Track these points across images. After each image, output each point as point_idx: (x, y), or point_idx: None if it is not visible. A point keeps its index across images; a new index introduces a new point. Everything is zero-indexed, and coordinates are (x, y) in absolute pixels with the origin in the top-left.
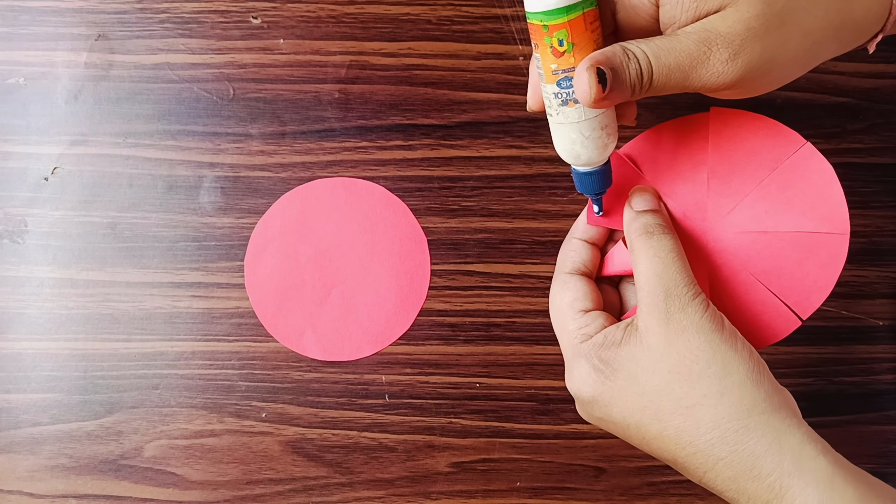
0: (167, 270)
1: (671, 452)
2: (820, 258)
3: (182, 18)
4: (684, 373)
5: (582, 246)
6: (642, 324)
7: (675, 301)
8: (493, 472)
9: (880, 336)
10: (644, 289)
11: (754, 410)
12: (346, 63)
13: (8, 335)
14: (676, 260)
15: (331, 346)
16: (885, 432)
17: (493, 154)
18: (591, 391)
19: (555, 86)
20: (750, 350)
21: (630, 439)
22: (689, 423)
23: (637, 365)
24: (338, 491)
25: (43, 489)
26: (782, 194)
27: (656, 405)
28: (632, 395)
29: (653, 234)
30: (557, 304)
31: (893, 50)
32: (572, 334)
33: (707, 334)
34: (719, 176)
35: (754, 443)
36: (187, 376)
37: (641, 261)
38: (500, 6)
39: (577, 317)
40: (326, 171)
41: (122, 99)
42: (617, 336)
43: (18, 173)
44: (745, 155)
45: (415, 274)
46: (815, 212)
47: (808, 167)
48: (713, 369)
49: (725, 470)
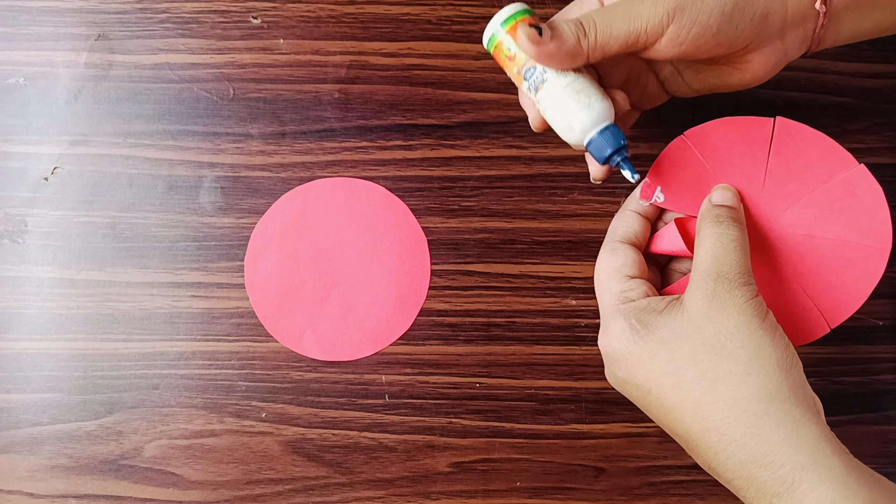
0: (167, 270)
1: (685, 424)
2: (858, 270)
3: (182, 18)
4: (716, 347)
5: (635, 218)
6: (687, 299)
7: (724, 283)
8: (493, 472)
9: (880, 336)
10: (699, 268)
11: (776, 397)
12: (346, 63)
13: (8, 335)
14: (738, 249)
15: (331, 346)
16: (885, 432)
17: (493, 154)
18: (622, 348)
19: (525, 82)
20: (787, 343)
21: (649, 406)
22: (708, 396)
23: (672, 332)
24: (338, 491)
25: (43, 489)
26: (832, 205)
27: (681, 372)
28: (660, 359)
29: (722, 223)
30: (604, 267)
31: (893, 50)
32: (615, 295)
33: (747, 317)
34: (776, 178)
35: (771, 429)
36: (187, 376)
37: (704, 243)
38: (500, 6)
39: (622, 280)
40: (326, 171)
41: (122, 99)
42: (660, 305)
43: (18, 173)
44: (803, 164)
45: (415, 274)
46: (860, 226)
47: (860, 186)
48: (745, 350)
49: (738, 452)
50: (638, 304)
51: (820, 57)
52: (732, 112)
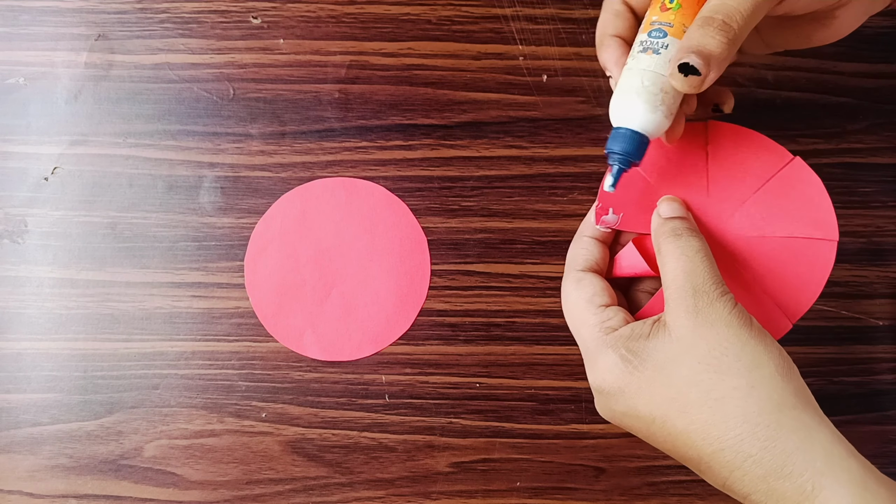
0: (167, 270)
1: (696, 449)
2: (810, 262)
3: (182, 18)
4: (714, 364)
5: (593, 244)
6: (670, 318)
7: (703, 297)
8: (493, 472)
9: (880, 336)
10: (671, 286)
11: (784, 405)
12: (346, 63)
13: (8, 335)
14: (704, 259)
15: (331, 346)
16: (885, 432)
17: (493, 154)
18: (617, 381)
19: (646, 35)
20: (779, 348)
21: (654, 436)
22: (717, 416)
23: (665, 355)
24: (338, 491)
25: (43, 489)
26: (776, 202)
27: (684, 397)
28: (659, 386)
29: (681, 236)
30: (574, 300)
31: (893, 50)
32: (595, 327)
33: (736, 329)
34: (718, 183)
35: (785, 439)
36: (187, 376)
37: (669, 261)
38: (500, 6)
39: (598, 311)
40: (326, 171)
41: (122, 99)
42: (644, 330)
43: (18, 173)
44: (741, 166)
45: (415, 274)
46: (806, 219)
47: (800, 179)
48: (742, 362)
49: (754, 468)
50: (622, 333)
51: (820, 57)
52: (734, 111)
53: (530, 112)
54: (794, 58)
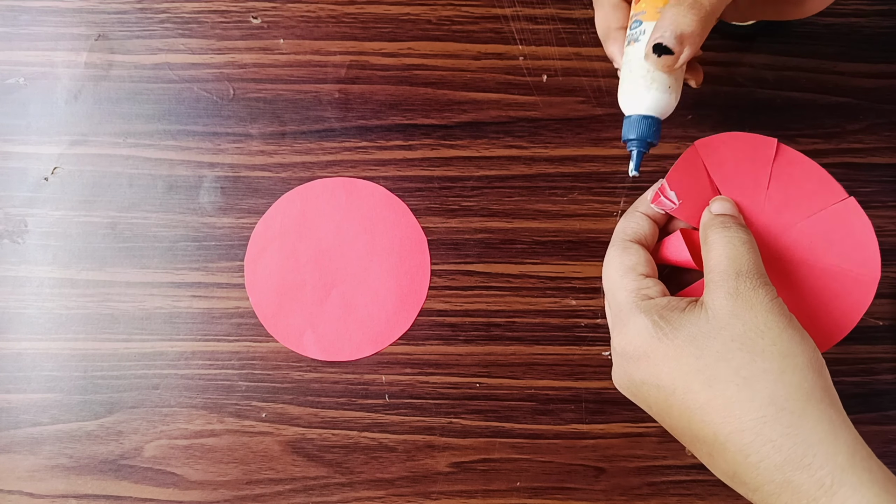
0: (167, 270)
1: (714, 426)
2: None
3: (182, 18)
4: (748, 344)
5: (644, 219)
6: (709, 298)
7: (745, 281)
8: (493, 472)
9: (880, 336)
10: (715, 270)
11: (812, 397)
12: (346, 63)
13: (8, 335)
14: (750, 250)
15: (331, 346)
16: (885, 432)
17: (493, 154)
18: (644, 346)
19: (628, 29)
20: (814, 346)
21: (670, 409)
22: (743, 393)
23: (699, 329)
24: (338, 491)
25: (43, 489)
26: (824, 233)
27: (712, 370)
28: (687, 357)
29: (729, 228)
30: (616, 265)
31: (893, 50)
32: (632, 293)
33: (775, 315)
34: (774, 201)
35: (809, 429)
36: (187, 376)
37: (715, 247)
38: (500, 6)
39: (637, 278)
40: (326, 171)
41: (122, 99)
42: (681, 304)
43: (18, 173)
44: (799, 191)
45: (415, 274)
46: (851, 255)
47: (850, 217)
48: (777, 347)
49: (773, 454)
50: (658, 302)
51: (820, 57)
52: (732, 110)
53: (530, 112)
54: (794, 58)
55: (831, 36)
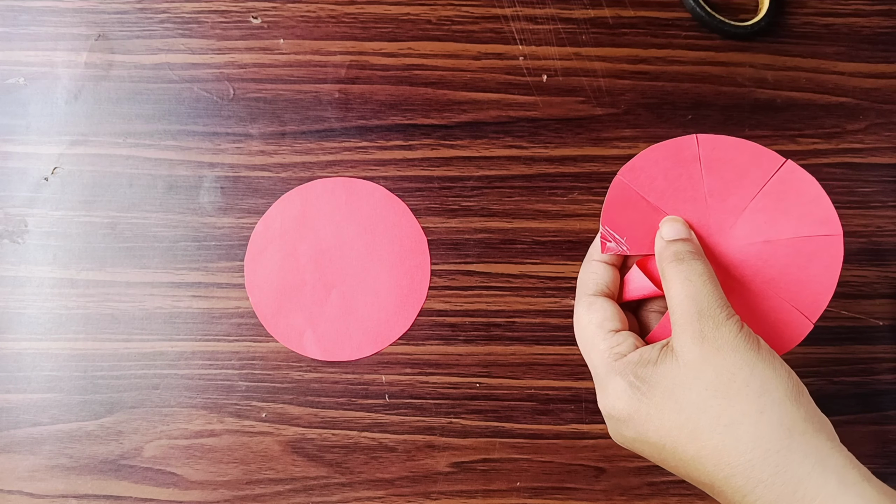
0: (167, 270)
1: (708, 475)
2: (821, 260)
3: (182, 18)
4: (722, 389)
5: (602, 268)
6: (677, 344)
7: (708, 321)
8: (493, 472)
9: (880, 336)
10: (677, 311)
11: (795, 430)
12: (346, 63)
13: (8, 335)
14: (708, 283)
15: (331, 346)
16: (885, 432)
17: (493, 154)
18: (626, 408)
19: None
20: (788, 370)
21: (665, 462)
22: (727, 441)
23: (673, 382)
24: (338, 491)
25: (43, 489)
26: (776, 205)
27: (694, 423)
28: (668, 412)
29: (683, 260)
30: (584, 324)
31: (893, 50)
32: (604, 353)
33: (743, 353)
34: (716, 194)
35: (797, 464)
36: (187, 376)
37: (673, 285)
38: (500, 6)
39: (607, 336)
40: (326, 171)
41: (122, 99)
42: (652, 355)
43: (18, 173)
44: (735, 174)
45: (415, 274)
46: (808, 217)
47: (794, 180)
48: (751, 387)
49: (766, 493)
50: (631, 359)
51: (820, 57)
52: (732, 110)
53: (530, 112)
54: (794, 58)
55: (831, 36)
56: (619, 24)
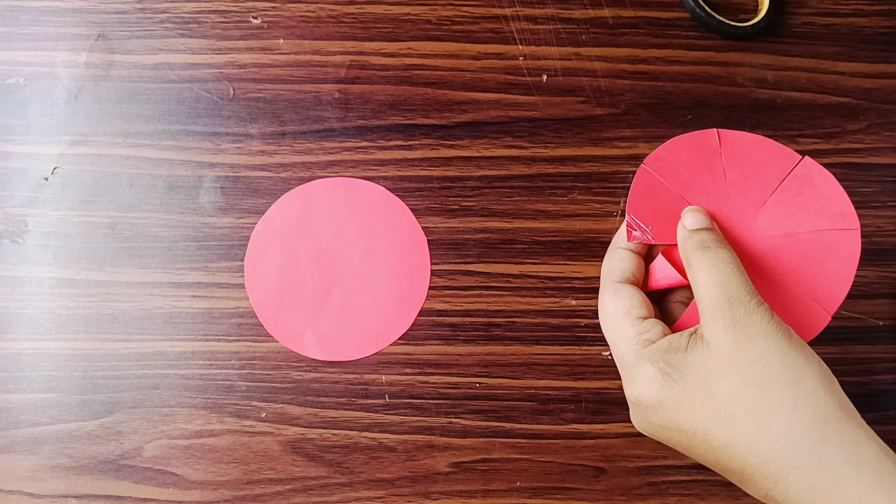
0: (167, 270)
1: (739, 461)
2: (838, 253)
3: (182, 18)
4: (755, 377)
5: (628, 255)
6: (707, 332)
7: (739, 308)
8: (493, 472)
9: (880, 336)
10: (706, 299)
11: (829, 419)
12: (346, 63)
13: (8, 335)
14: (736, 270)
15: (331, 346)
16: (886, 432)
17: (493, 154)
18: (657, 395)
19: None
20: (819, 360)
21: (695, 448)
22: (762, 429)
23: (706, 369)
24: (338, 491)
25: (43, 489)
26: (794, 200)
27: (727, 410)
28: (701, 400)
29: (709, 249)
30: (612, 312)
31: (893, 50)
32: (632, 340)
33: (776, 340)
34: (737, 187)
35: (832, 453)
36: (187, 376)
37: (700, 273)
38: (500, 6)
39: (635, 323)
40: (326, 171)
41: (122, 99)
42: (682, 342)
43: (18, 173)
44: (755, 169)
45: (415, 274)
46: (827, 212)
47: (812, 177)
48: (785, 375)
49: (800, 480)
50: (660, 346)
51: (820, 57)
52: (733, 110)
53: (530, 112)
54: (794, 58)
55: (831, 36)
56: (619, 24)
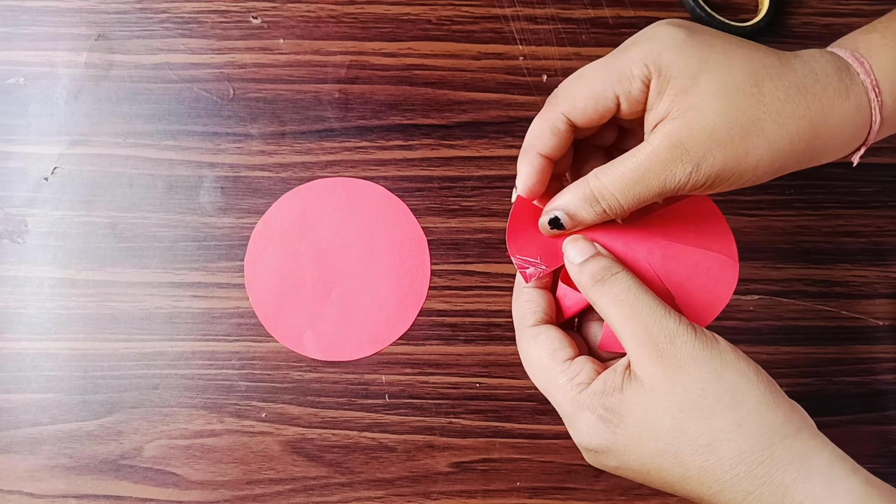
0: (167, 270)
1: (697, 492)
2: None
3: (182, 18)
4: (695, 409)
5: (535, 294)
6: (637, 367)
7: (659, 335)
8: (493, 472)
9: (880, 336)
10: (624, 334)
11: (775, 437)
12: (346, 63)
13: (8, 335)
14: (641, 295)
15: (331, 346)
16: (885, 432)
17: (493, 154)
18: (602, 442)
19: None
20: (756, 369)
21: (652, 483)
22: (711, 461)
23: (645, 409)
24: (338, 491)
25: (43, 489)
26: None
27: (674, 447)
28: (647, 441)
29: (605, 280)
30: (536, 359)
31: None
32: (565, 387)
33: (706, 364)
34: None
35: (782, 472)
36: (187, 376)
37: (608, 309)
38: (500, 6)
39: (564, 368)
40: (326, 171)
41: (122, 99)
42: (617, 381)
43: (18, 173)
44: None
45: (415, 274)
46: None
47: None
48: (724, 402)
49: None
50: (595, 389)
51: None
52: None
53: (530, 112)
54: None
55: (831, 36)
56: (619, 24)
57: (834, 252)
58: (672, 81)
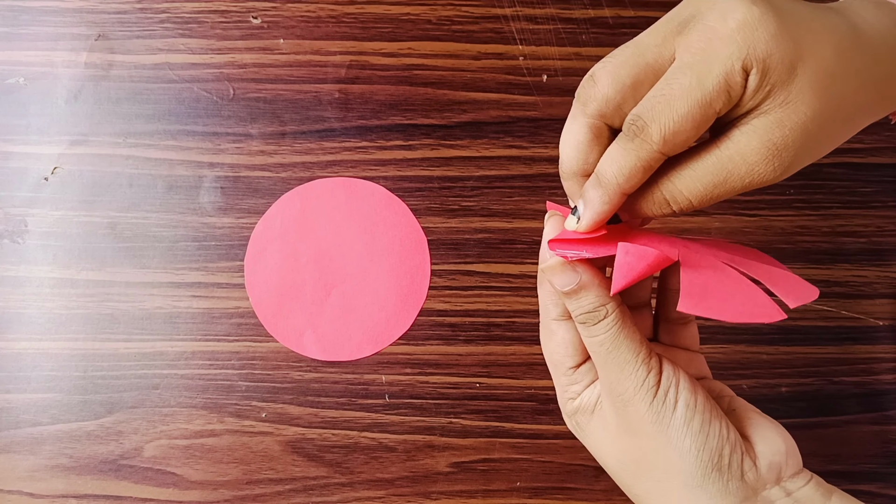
0: (167, 270)
1: None
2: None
3: (182, 18)
4: (631, 468)
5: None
6: (604, 406)
7: (620, 395)
8: (493, 472)
9: (880, 336)
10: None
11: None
12: (346, 63)
13: (8, 335)
14: (613, 350)
15: (331, 346)
16: (885, 432)
17: (493, 154)
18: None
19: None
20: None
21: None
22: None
23: (596, 441)
24: (338, 491)
25: (43, 489)
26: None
27: (617, 479)
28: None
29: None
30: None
31: None
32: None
33: (650, 436)
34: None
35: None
36: (187, 376)
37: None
38: (500, 6)
39: (564, 376)
40: (326, 171)
41: (122, 99)
42: (590, 404)
43: (18, 173)
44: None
45: (415, 274)
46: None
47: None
48: (654, 474)
49: None
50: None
51: None
52: None
53: (530, 112)
54: None
55: None
56: (619, 24)
57: (834, 252)
58: (769, 75)
